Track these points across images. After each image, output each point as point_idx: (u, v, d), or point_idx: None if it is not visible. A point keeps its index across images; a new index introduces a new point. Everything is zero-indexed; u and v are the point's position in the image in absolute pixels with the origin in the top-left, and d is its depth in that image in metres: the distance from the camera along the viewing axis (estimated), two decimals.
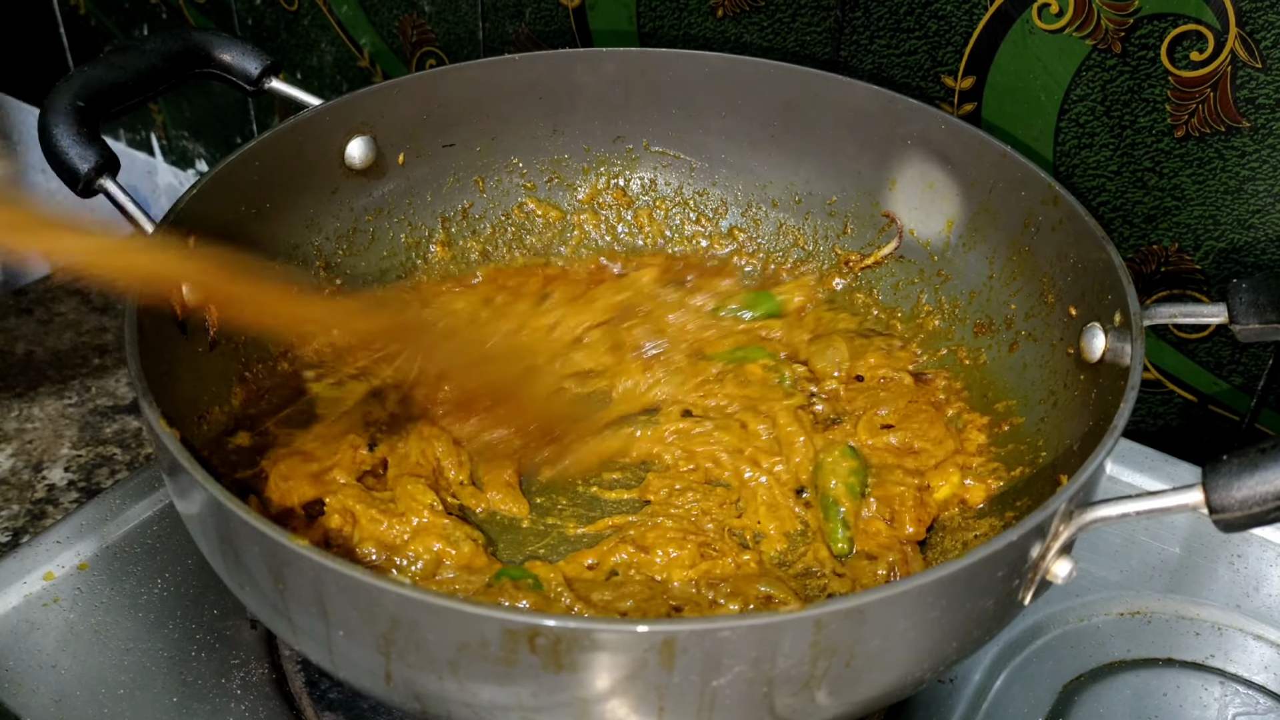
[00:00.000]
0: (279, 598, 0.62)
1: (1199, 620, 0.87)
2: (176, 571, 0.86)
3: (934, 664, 0.64)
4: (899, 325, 0.95)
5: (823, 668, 0.59)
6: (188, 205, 0.79)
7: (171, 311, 0.78)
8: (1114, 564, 0.90)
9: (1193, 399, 0.99)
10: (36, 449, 1.19)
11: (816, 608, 0.57)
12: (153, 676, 0.79)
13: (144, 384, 0.66)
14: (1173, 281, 0.96)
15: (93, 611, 0.83)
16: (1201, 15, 0.86)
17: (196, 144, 1.50)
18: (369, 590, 0.57)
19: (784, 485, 0.84)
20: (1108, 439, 0.66)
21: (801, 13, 1.01)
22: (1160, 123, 0.91)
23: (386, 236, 0.97)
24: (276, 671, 0.80)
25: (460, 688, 0.59)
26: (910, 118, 0.93)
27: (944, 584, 0.59)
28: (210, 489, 0.61)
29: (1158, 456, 0.95)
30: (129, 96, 0.83)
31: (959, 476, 0.83)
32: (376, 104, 0.92)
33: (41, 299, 1.41)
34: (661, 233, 1.03)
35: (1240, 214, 0.91)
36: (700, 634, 0.56)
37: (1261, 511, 0.60)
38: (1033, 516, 0.62)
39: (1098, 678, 0.83)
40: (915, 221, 0.96)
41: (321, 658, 0.64)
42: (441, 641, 0.57)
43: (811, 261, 1.00)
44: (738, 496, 0.84)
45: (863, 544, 0.81)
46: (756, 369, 0.91)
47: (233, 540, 0.62)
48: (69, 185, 0.79)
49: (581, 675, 0.57)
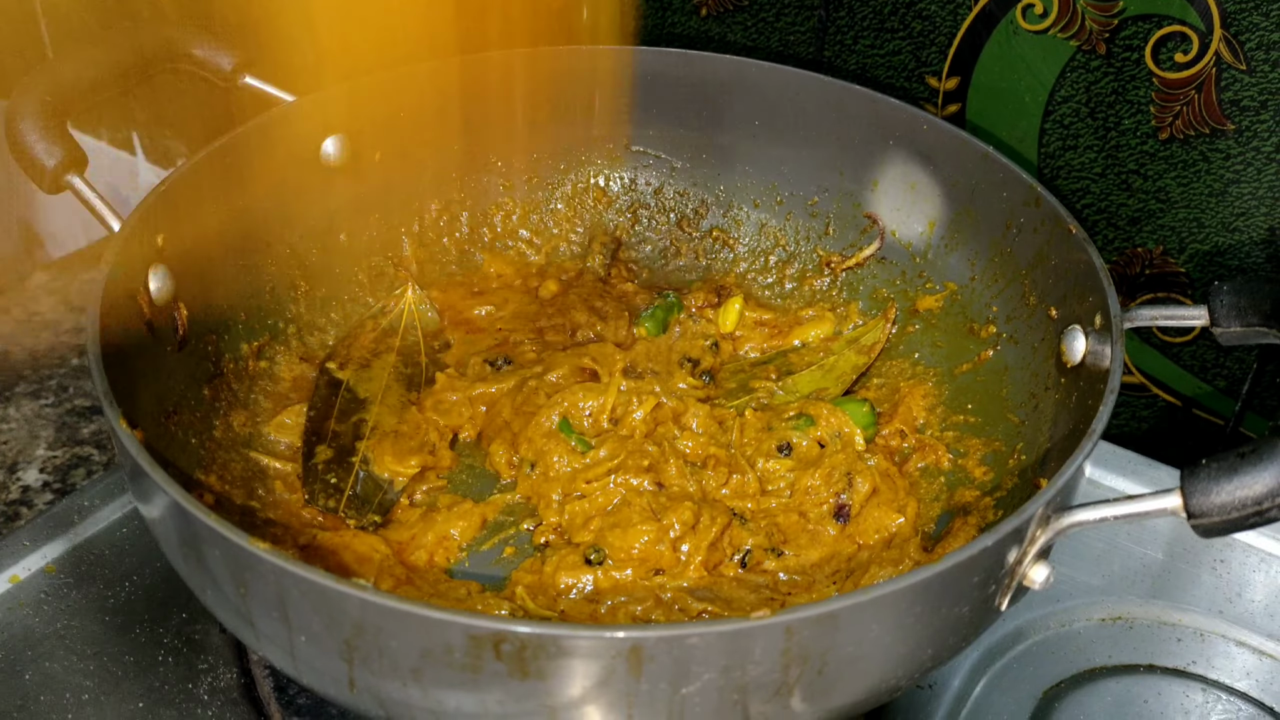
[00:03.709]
0: (241, 602, 0.61)
1: (1181, 626, 0.86)
2: (145, 574, 0.85)
3: (910, 670, 0.63)
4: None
5: (795, 674, 0.58)
6: (155, 202, 0.78)
7: (139, 310, 0.77)
8: (1096, 569, 0.89)
9: (1177, 402, 0.98)
10: (11, 449, 1.18)
11: (787, 613, 0.55)
12: (119, 681, 0.78)
13: (105, 383, 0.65)
14: (1157, 284, 0.95)
15: (58, 615, 0.82)
16: (1186, 17, 0.85)
17: (178, 142, 1.48)
18: (330, 595, 0.56)
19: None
20: (1086, 442, 0.65)
21: (785, 12, 1.00)
22: (1145, 125, 0.90)
23: (362, 235, 0.96)
24: (245, 677, 0.79)
25: (425, 694, 0.58)
26: (892, 118, 0.92)
27: (918, 589, 0.58)
28: (171, 491, 0.60)
29: (1140, 460, 0.94)
30: (98, 91, 0.82)
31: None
32: (352, 101, 0.91)
33: (19, 298, 1.39)
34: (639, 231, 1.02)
35: (1225, 217, 0.90)
36: (668, 640, 0.55)
37: (1240, 517, 0.59)
38: (1009, 521, 0.61)
39: (1078, 684, 0.82)
40: (897, 223, 0.95)
41: (285, 663, 0.62)
42: (405, 647, 0.56)
43: (793, 263, 0.99)
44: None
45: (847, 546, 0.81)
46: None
47: (194, 543, 0.61)
48: (35, 182, 0.78)
49: (549, 682, 0.56)
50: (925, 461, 0.86)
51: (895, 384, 0.91)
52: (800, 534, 0.81)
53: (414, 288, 0.95)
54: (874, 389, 0.92)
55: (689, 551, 0.77)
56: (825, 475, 0.83)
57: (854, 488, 0.82)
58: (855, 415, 0.87)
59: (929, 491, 0.84)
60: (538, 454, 0.84)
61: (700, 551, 0.77)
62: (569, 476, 0.82)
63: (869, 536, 0.81)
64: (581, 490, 0.81)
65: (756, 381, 0.92)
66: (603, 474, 0.81)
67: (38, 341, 1.32)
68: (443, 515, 0.81)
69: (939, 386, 0.90)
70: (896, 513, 0.81)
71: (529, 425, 0.85)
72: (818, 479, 0.83)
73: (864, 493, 0.82)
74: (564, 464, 0.83)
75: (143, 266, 0.78)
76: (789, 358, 0.94)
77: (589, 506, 0.80)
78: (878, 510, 0.82)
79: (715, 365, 0.93)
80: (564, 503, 0.81)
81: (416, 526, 0.81)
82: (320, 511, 0.81)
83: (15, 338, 1.32)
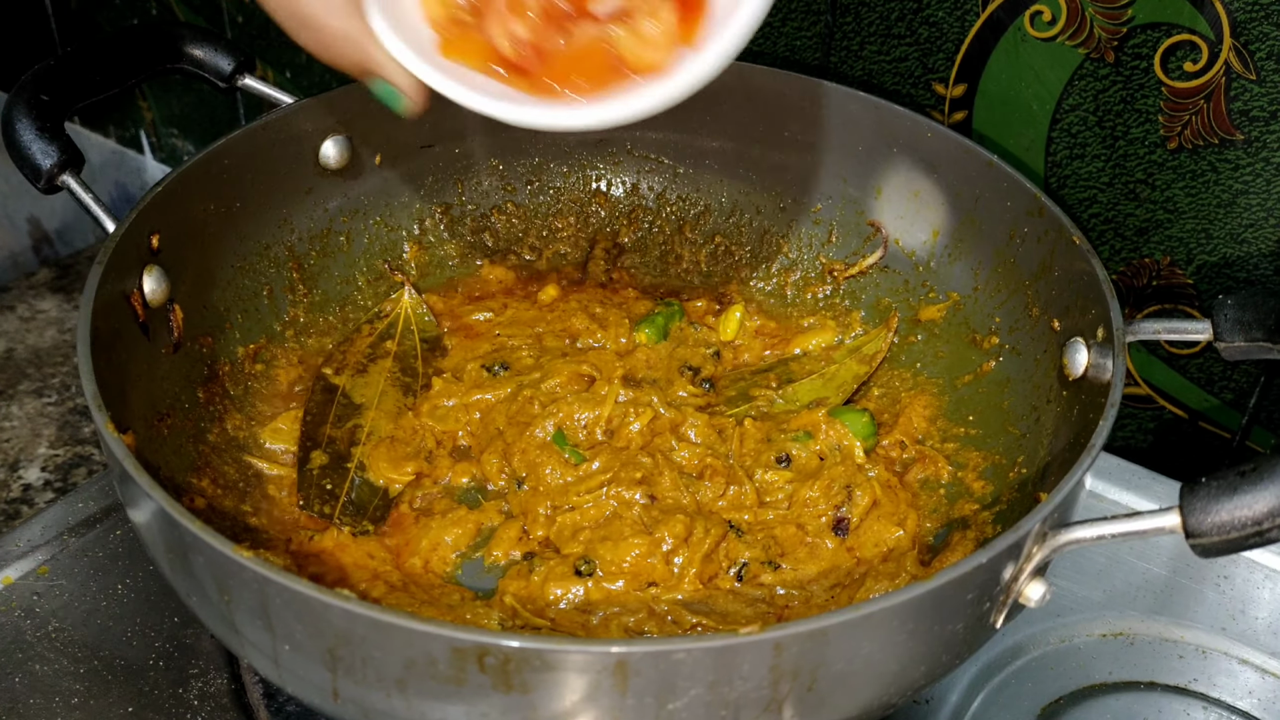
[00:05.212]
0: (226, 609, 0.60)
1: (1183, 643, 0.85)
2: (137, 577, 0.84)
3: (902, 688, 0.62)
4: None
5: (785, 691, 0.57)
6: (152, 203, 0.78)
7: (133, 312, 0.76)
8: (1097, 584, 0.88)
9: (1183, 415, 0.97)
10: (13, 448, 1.18)
11: (776, 630, 0.55)
12: (109, 685, 0.78)
13: (94, 385, 0.64)
14: (1164, 296, 0.94)
15: (50, 617, 0.81)
16: (1196, 25, 0.84)
17: (186, 141, 1.48)
18: (313, 604, 0.55)
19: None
20: (1085, 457, 0.64)
21: (791, 17, 1.00)
22: (1153, 134, 0.89)
23: (362, 238, 0.96)
24: (235, 682, 0.78)
25: (409, 706, 0.58)
26: (896, 125, 0.91)
27: (910, 607, 0.57)
28: (156, 496, 0.59)
29: (1145, 474, 0.93)
30: (96, 91, 0.82)
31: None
32: (353, 103, 0.90)
33: (24, 295, 1.40)
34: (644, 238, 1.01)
35: (1233, 228, 0.89)
36: (655, 656, 0.54)
37: (1240, 537, 0.58)
38: (1004, 537, 0.60)
39: (1078, 700, 0.81)
40: (901, 231, 0.94)
41: (270, 671, 0.62)
42: (388, 658, 0.56)
43: (796, 270, 0.98)
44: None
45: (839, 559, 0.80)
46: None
47: (180, 549, 0.61)
48: (31, 181, 0.78)
49: (533, 696, 0.56)
50: (925, 473, 0.85)
51: (896, 394, 0.91)
52: (798, 547, 0.80)
53: (410, 291, 0.95)
54: (875, 399, 0.91)
55: (682, 564, 0.76)
56: (824, 487, 0.82)
57: (853, 501, 0.81)
58: (855, 425, 0.86)
59: (928, 504, 0.83)
60: (530, 466, 0.83)
61: (694, 564, 0.76)
62: (560, 489, 0.82)
63: (868, 550, 0.80)
64: (573, 504, 0.81)
65: (757, 390, 0.91)
66: (595, 486, 0.81)
67: (41, 339, 1.32)
68: (437, 522, 0.81)
69: (940, 397, 0.89)
70: (896, 526, 0.80)
71: (521, 437, 0.84)
72: (816, 491, 0.82)
73: (863, 506, 0.81)
74: (556, 476, 0.82)
75: (138, 267, 0.77)
76: (790, 366, 0.93)
77: (579, 518, 0.80)
78: (877, 524, 0.81)
79: (716, 373, 0.92)
80: (553, 515, 0.80)
81: (411, 533, 0.80)
82: (315, 517, 0.80)
83: (19, 335, 1.32)
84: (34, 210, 1.49)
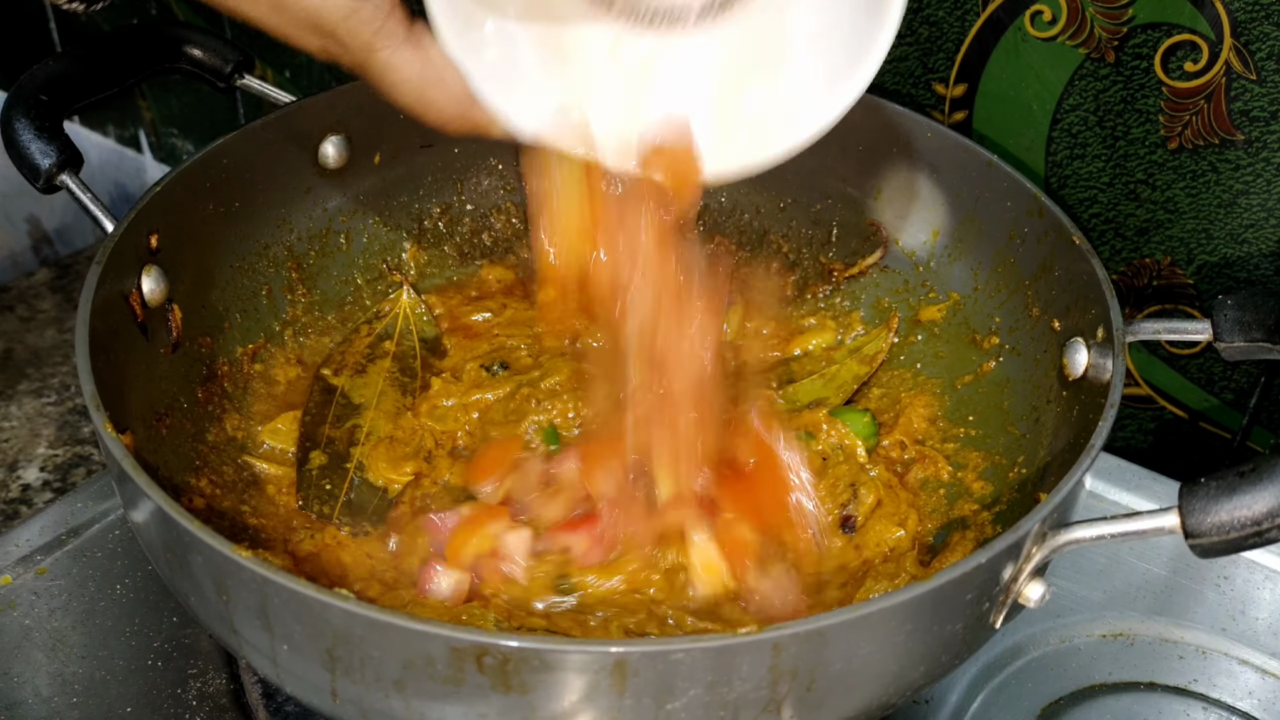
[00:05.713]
0: (224, 609, 0.60)
1: (1183, 643, 0.85)
2: (136, 577, 0.84)
3: (901, 688, 0.62)
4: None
5: (784, 691, 0.57)
6: (151, 203, 0.78)
7: (132, 312, 0.76)
8: (1097, 584, 0.88)
9: (1183, 415, 0.97)
10: (12, 447, 1.17)
11: (774, 630, 0.55)
12: (107, 686, 0.78)
13: (92, 385, 0.64)
14: (1164, 296, 0.94)
15: (49, 617, 0.81)
16: (1196, 25, 0.84)
17: (185, 141, 1.48)
18: (311, 604, 0.55)
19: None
20: (1085, 458, 0.64)
21: None
22: (1153, 134, 0.89)
23: (361, 238, 0.95)
24: (234, 683, 0.78)
25: (407, 706, 0.57)
26: (896, 125, 0.91)
27: (908, 607, 0.57)
28: (154, 496, 0.59)
29: (1145, 474, 0.93)
30: (94, 90, 0.82)
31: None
32: (352, 102, 0.90)
33: (24, 295, 1.39)
34: None
35: (1233, 228, 0.89)
36: (652, 656, 0.54)
37: (1239, 537, 0.58)
38: (1004, 537, 0.60)
39: (1078, 701, 0.81)
40: (901, 231, 0.94)
41: (268, 671, 0.62)
42: (387, 659, 0.56)
43: (795, 270, 0.98)
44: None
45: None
46: None
47: (178, 549, 0.61)
48: (30, 181, 0.78)
49: (532, 696, 0.56)
50: (925, 473, 0.85)
51: (896, 394, 0.90)
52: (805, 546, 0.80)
53: (409, 291, 0.95)
54: (875, 399, 0.91)
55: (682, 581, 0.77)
56: (829, 487, 0.82)
57: (858, 499, 0.81)
58: (857, 425, 0.86)
59: (928, 504, 0.83)
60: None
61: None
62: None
63: (873, 549, 0.80)
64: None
65: (757, 390, 0.91)
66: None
67: (40, 339, 1.32)
68: None
69: (940, 398, 0.89)
70: (897, 526, 0.80)
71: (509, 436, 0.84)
72: (822, 490, 0.82)
73: (869, 504, 0.81)
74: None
75: (136, 267, 0.77)
76: (790, 366, 0.93)
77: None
78: (880, 523, 0.81)
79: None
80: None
81: (409, 532, 0.80)
82: (314, 517, 0.80)
83: (18, 335, 1.32)
84: (33, 210, 1.49)
